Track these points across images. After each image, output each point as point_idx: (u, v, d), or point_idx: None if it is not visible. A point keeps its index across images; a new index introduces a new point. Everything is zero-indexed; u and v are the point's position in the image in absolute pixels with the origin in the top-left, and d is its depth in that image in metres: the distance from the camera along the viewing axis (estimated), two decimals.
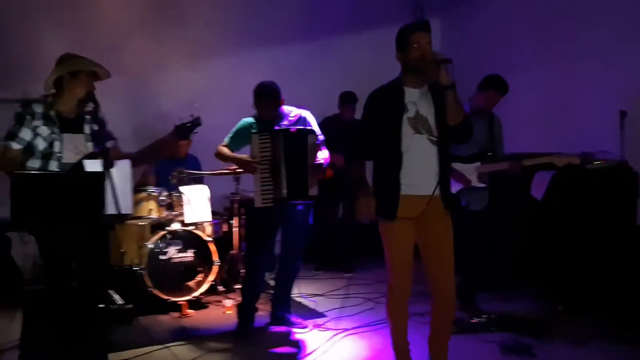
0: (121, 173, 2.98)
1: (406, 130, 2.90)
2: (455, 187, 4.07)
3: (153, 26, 5.73)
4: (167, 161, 5.19)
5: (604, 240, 4.07)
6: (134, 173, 3.18)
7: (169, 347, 3.57)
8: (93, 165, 2.89)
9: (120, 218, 2.80)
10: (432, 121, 2.93)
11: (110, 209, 2.79)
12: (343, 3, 6.79)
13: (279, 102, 3.85)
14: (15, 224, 2.47)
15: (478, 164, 4.13)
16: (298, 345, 3.76)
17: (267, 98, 3.79)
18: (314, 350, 3.63)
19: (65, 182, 2.66)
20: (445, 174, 2.97)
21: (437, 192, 2.93)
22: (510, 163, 4.02)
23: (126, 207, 2.99)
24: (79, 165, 3.01)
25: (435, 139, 2.92)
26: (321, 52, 6.63)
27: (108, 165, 2.85)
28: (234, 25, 6.18)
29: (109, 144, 3.33)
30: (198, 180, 5.08)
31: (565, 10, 5.27)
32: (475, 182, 4.14)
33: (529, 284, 4.76)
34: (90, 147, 3.15)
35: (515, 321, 3.96)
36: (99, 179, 2.62)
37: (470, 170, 4.14)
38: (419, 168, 2.91)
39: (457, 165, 4.10)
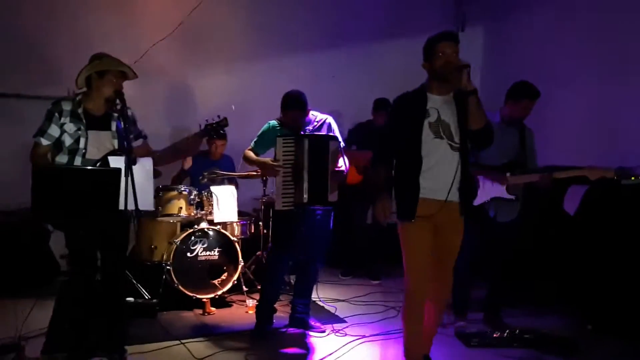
0: (143, 170, 3.08)
1: (427, 134, 2.99)
2: (491, 193, 4.02)
3: (192, 30, 5.85)
4: (203, 161, 5.33)
5: (638, 259, 3.90)
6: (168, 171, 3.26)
7: (184, 343, 3.63)
8: (116, 162, 2.99)
9: (138, 213, 2.87)
10: (453, 127, 3.02)
11: (130, 205, 2.88)
12: (385, 10, 6.78)
13: (305, 113, 3.87)
14: (35, 214, 2.57)
15: (508, 174, 4.03)
16: (313, 348, 3.77)
17: (294, 109, 3.82)
18: (328, 355, 3.63)
19: (81, 177, 2.75)
20: (465, 180, 3.03)
21: (456, 198, 3.01)
22: (541, 175, 3.91)
23: (146, 204, 3.09)
24: (103, 161, 3.12)
25: (456, 144, 3.01)
26: (358, 59, 6.63)
27: (131, 162, 2.93)
28: (272, 29, 6.26)
29: (137, 142, 3.45)
30: (230, 181, 5.19)
31: (612, 23, 5.10)
32: (505, 193, 4.04)
33: (558, 301, 4.61)
34: (116, 144, 3.25)
35: (539, 338, 3.84)
36: (115, 175, 2.69)
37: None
38: (439, 172, 2.99)
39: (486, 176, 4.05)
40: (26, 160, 3.25)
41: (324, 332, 4.02)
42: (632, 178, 4.02)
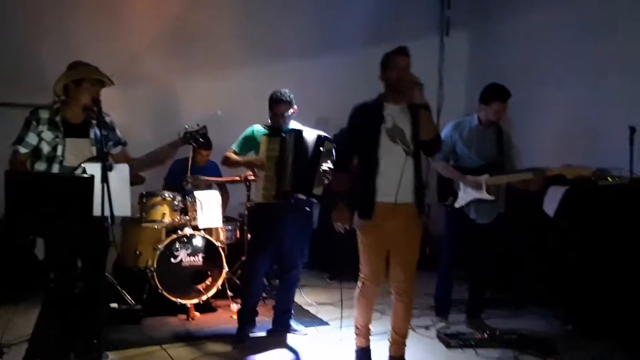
0: (119, 176, 3.11)
1: (383, 139, 3.21)
2: (472, 194, 4.07)
3: (178, 37, 5.91)
4: (186, 167, 5.36)
5: (616, 260, 3.94)
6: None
7: (166, 348, 3.66)
8: (92, 169, 3.02)
9: (113, 220, 2.91)
10: (408, 134, 3.23)
11: (106, 211, 2.91)
12: (371, 17, 6.82)
13: (291, 106, 3.94)
14: (8, 221, 2.61)
15: (486, 176, 4.08)
16: (293, 350, 3.81)
17: (284, 104, 3.88)
18: (309, 357, 3.66)
19: (53, 183, 2.79)
20: (419, 183, 3.26)
21: (410, 199, 3.23)
22: (524, 175, 3.94)
23: (122, 209, 3.13)
24: (83, 168, 3.15)
25: (409, 149, 3.22)
26: (346, 65, 6.67)
27: (106, 168, 2.97)
28: (259, 36, 6.31)
29: (116, 149, 3.49)
30: (216, 186, 5.22)
31: (592, 25, 5.17)
32: (485, 195, 4.09)
33: (540, 302, 4.66)
34: (94, 151, 3.28)
35: (519, 339, 3.88)
36: (88, 182, 2.73)
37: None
38: (394, 174, 3.19)
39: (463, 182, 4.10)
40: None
41: (305, 334, 4.06)
42: (609, 179, 4.09)
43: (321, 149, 3.81)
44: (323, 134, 3.99)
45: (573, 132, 5.28)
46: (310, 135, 3.86)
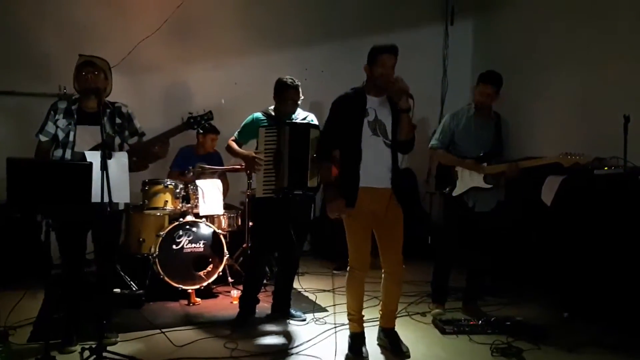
0: (118, 164, 3.20)
1: (365, 131, 3.37)
2: (469, 183, 4.13)
3: (181, 25, 5.97)
4: (192, 155, 5.44)
5: (612, 247, 3.97)
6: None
7: (165, 332, 3.75)
8: (93, 156, 3.11)
9: (112, 206, 3.00)
10: (388, 127, 3.38)
11: (105, 198, 3.00)
12: (374, 4, 6.85)
13: (299, 97, 3.99)
14: (10, 203, 2.71)
15: (484, 164, 4.11)
16: (291, 336, 3.88)
17: (291, 90, 3.94)
18: (305, 342, 3.74)
19: (53, 170, 2.87)
20: (397, 172, 3.46)
21: (390, 186, 3.43)
22: (508, 165, 4.00)
23: (121, 196, 3.22)
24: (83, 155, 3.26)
25: (389, 142, 3.41)
26: (348, 53, 6.67)
27: (105, 156, 3.05)
28: (261, 24, 6.38)
29: (133, 139, 3.65)
30: (221, 175, 5.30)
31: (601, 10, 5.13)
32: (482, 183, 4.12)
33: (537, 290, 4.70)
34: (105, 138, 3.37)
35: (513, 325, 3.92)
36: (85, 168, 2.81)
37: (476, 172, 4.13)
38: (375, 165, 3.38)
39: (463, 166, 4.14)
40: (26, 154, 3.47)
41: (304, 320, 4.13)
42: (605, 168, 4.10)
43: (310, 137, 3.84)
44: (310, 120, 4.03)
45: (574, 120, 5.29)
46: (302, 125, 3.90)
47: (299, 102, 4.03)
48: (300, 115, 4.08)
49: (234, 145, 4.11)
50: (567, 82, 5.45)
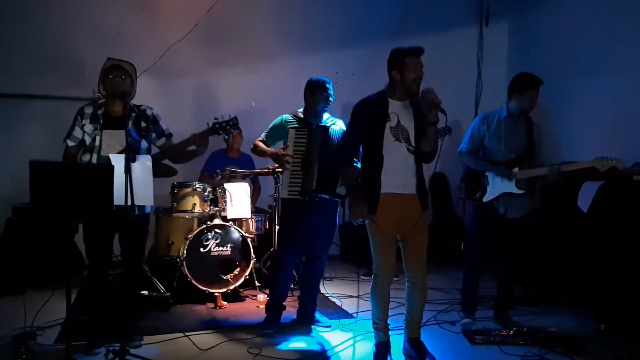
0: (142, 167, 3.21)
1: (387, 137, 3.28)
2: (500, 188, 4.00)
3: (212, 30, 6.01)
4: (223, 158, 5.46)
5: None
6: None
7: (189, 335, 3.75)
8: (116, 160, 3.13)
9: (134, 209, 3.00)
10: (411, 132, 3.32)
11: (129, 201, 3.02)
12: (406, 7, 6.75)
13: (330, 98, 3.95)
14: (33, 206, 2.73)
15: (516, 169, 3.99)
16: (316, 342, 3.83)
17: (323, 91, 3.91)
18: (330, 349, 3.68)
19: (75, 173, 2.89)
20: (421, 178, 3.37)
21: (415, 192, 3.33)
22: (549, 168, 3.86)
23: (145, 199, 3.22)
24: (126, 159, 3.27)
25: (412, 148, 3.32)
26: (379, 56, 6.51)
27: (129, 159, 3.07)
28: (292, 28, 6.37)
29: (161, 141, 3.67)
30: (252, 179, 5.30)
31: (632, 12, 4.96)
32: (514, 188, 4.00)
33: (572, 300, 4.52)
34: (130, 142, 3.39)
35: (546, 336, 3.78)
36: (107, 172, 2.82)
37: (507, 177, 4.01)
38: (398, 171, 3.30)
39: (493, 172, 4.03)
40: (60, 158, 3.53)
41: (329, 326, 4.07)
42: None
43: None
44: (339, 126, 3.98)
45: (612, 124, 5.10)
46: (337, 131, 3.85)
47: (330, 101, 3.96)
48: (330, 120, 4.04)
49: (261, 145, 4.09)
50: (607, 87, 5.25)
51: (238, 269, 4.64)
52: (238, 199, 4.77)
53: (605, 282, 4.15)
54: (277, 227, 5.01)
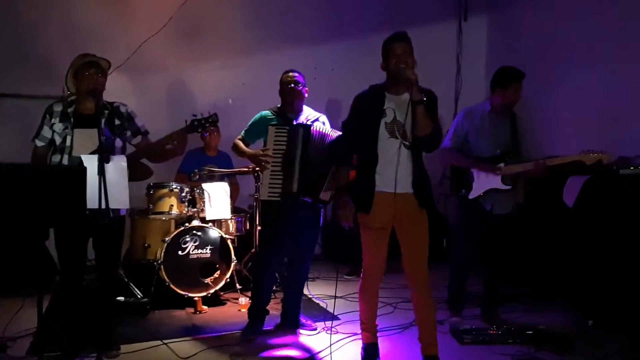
0: (117, 168, 3.04)
1: (382, 133, 3.12)
2: (486, 185, 3.91)
3: (186, 24, 5.82)
4: (200, 157, 5.29)
5: (638, 251, 3.75)
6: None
7: (168, 343, 3.60)
8: (89, 161, 2.96)
9: (109, 213, 2.84)
10: (408, 127, 3.13)
11: (103, 204, 2.85)
12: (385, 1, 6.66)
13: (305, 90, 3.85)
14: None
15: (501, 165, 3.92)
16: (302, 347, 3.71)
17: (295, 85, 3.80)
18: (317, 353, 3.57)
19: (45, 176, 2.71)
20: (418, 175, 3.17)
21: (411, 190, 3.14)
22: (534, 163, 3.80)
23: (120, 202, 3.06)
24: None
25: (409, 143, 3.14)
26: (358, 51, 6.52)
27: (103, 160, 2.91)
28: (269, 23, 6.22)
29: (137, 139, 3.49)
30: (230, 178, 5.15)
31: (612, 5, 4.95)
32: (500, 184, 3.93)
33: (559, 296, 4.48)
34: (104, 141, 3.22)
35: (535, 334, 3.72)
36: (79, 174, 2.65)
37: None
38: (393, 168, 3.10)
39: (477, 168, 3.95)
40: (27, 159, 3.36)
41: (315, 329, 3.96)
42: (632, 168, 3.89)
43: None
44: (322, 121, 3.87)
45: (595, 118, 5.08)
46: (323, 132, 3.70)
47: (304, 95, 3.85)
48: (312, 115, 3.91)
49: (241, 144, 3.94)
50: (588, 80, 5.23)
51: (218, 272, 4.48)
52: (217, 199, 4.62)
53: (592, 277, 4.10)
54: (258, 228, 4.89)
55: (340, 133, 3.55)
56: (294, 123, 3.78)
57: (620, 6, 4.91)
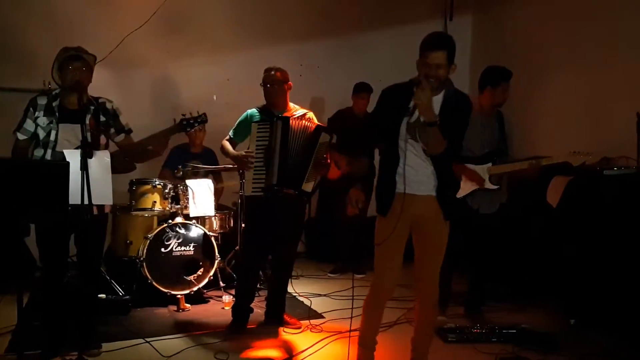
0: (100, 163, 2.98)
1: (402, 133, 2.88)
2: (470, 186, 3.92)
3: (170, 18, 5.74)
4: (184, 154, 5.22)
5: (621, 251, 3.78)
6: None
7: (151, 341, 3.54)
8: (72, 155, 2.89)
9: (92, 209, 2.78)
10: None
11: (86, 200, 2.79)
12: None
13: (286, 86, 3.82)
14: None
15: (489, 164, 3.93)
16: (286, 345, 3.68)
17: (270, 85, 3.77)
18: (301, 352, 3.54)
19: (26, 170, 2.65)
20: (442, 178, 2.92)
21: (434, 193, 2.92)
22: (529, 163, 3.81)
23: (104, 198, 3.00)
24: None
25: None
26: (344, 48, 6.52)
27: (86, 155, 2.85)
28: (254, 18, 6.16)
29: (120, 137, 3.44)
30: (214, 174, 5.10)
31: (598, 7, 4.99)
32: (487, 184, 3.94)
33: (542, 296, 4.51)
34: (89, 136, 3.14)
35: (519, 333, 3.74)
36: (62, 168, 2.59)
37: (481, 172, 3.94)
38: (415, 169, 2.90)
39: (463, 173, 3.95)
40: (4, 152, 3.26)
41: (299, 328, 3.93)
42: (615, 168, 3.92)
43: (318, 141, 3.65)
44: (308, 117, 3.85)
45: (579, 118, 5.12)
46: (304, 123, 3.70)
47: (287, 91, 3.82)
48: (298, 112, 3.88)
49: (227, 146, 3.91)
50: (571, 81, 5.28)
51: (202, 269, 4.43)
52: (201, 196, 4.56)
53: (574, 276, 4.13)
54: (242, 225, 4.85)
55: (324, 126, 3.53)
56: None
57: (603, 7, 4.94)
